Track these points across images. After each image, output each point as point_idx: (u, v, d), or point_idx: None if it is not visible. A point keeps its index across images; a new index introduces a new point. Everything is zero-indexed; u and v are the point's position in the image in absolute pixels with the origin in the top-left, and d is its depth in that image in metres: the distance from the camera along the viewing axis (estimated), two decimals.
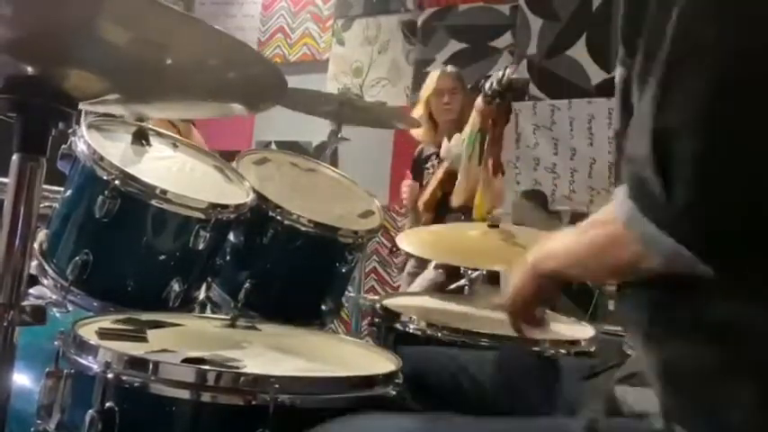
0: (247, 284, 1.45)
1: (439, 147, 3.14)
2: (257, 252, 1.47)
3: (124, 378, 0.88)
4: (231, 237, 1.44)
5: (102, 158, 1.25)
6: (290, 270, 1.50)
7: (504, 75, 1.97)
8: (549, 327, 0.95)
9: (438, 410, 0.93)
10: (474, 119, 2.12)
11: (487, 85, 2.04)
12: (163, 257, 1.32)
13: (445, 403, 1.03)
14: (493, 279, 2.55)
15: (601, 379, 0.92)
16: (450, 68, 3.33)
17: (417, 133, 3.24)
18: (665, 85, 0.63)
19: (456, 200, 2.19)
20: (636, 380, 0.83)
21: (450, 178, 2.89)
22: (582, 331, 1.60)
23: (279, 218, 1.44)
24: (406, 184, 3.27)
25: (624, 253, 0.70)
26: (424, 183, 3.21)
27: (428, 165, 3.24)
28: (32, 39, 0.88)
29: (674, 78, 0.62)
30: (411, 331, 1.43)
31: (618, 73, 0.78)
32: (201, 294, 1.47)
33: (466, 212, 2.19)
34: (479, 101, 2.05)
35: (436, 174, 3.09)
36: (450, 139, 2.95)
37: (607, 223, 0.74)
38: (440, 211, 3.06)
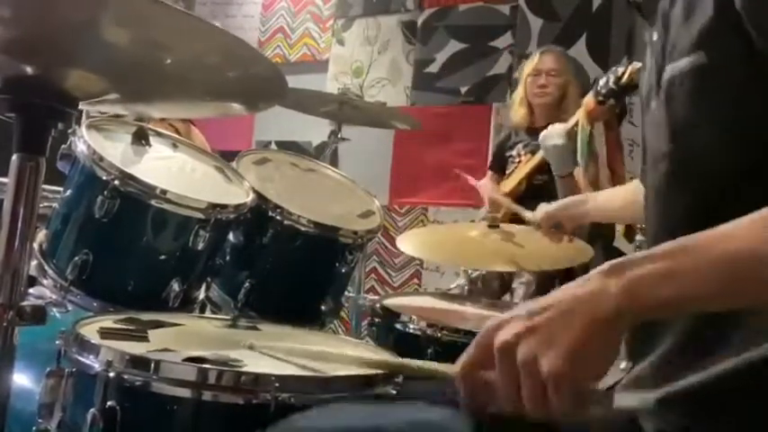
0: (247, 284, 1.45)
1: (529, 134, 2.85)
2: (257, 252, 1.47)
3: (125, 377, 0.88)
4: (231, 237, 1.44)
5: (101, 158, 1.25)
6: (290, 270, 1.50)
7: (624, 72, 1.77)
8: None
9: None
10: (581, 119, 1.92)
11: (602, 82, 1.82)
12: (163, 257, 1.32)
13: None
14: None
15: None
16: (554, 48, 3.04)
17: (513, 115, 2.97)
18: None
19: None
20: (618, 388, 0.83)
21: (539, 170, 2.63)
22: None
23: (279, 218, 1.44)
24: (482, 184, 2.82)
25: None
26: (507, 172, 2.88)
27: (513, 152, 2.91)
28: (32, 39, 0.88)
29: None
30: (411, 331, 1.44)
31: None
32: (201, 294, 1.47)
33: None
34: (589, 99, 1.85)
35: (525, 162, 2.77)
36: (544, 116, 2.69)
37: None
38: (526, 203, 2.80)
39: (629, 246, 3.63)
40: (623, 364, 0.84)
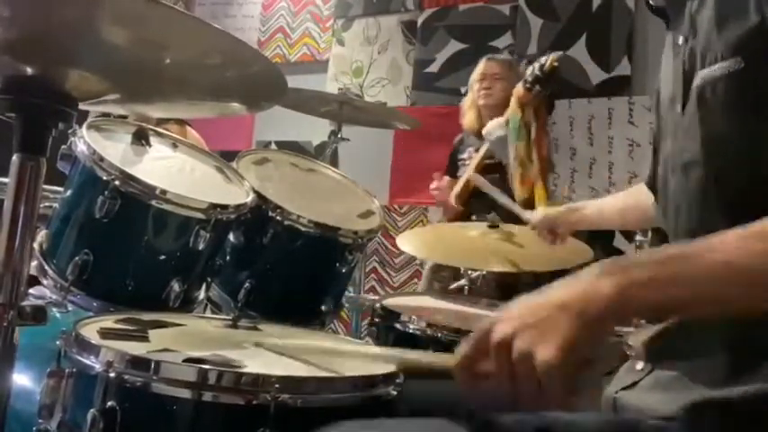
0: (247, 284, 1.45)
1: (478, 137, 3.03)
2: (257, 252, 1.47)
3: (126, 377, 0.88)
4: (231, 237, 1.44)
5: (101, 159, 1.24)
6: (290, 270, 1.50)
7: (547, 61, 1.91)
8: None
9: None
10: (512, 106, 2.06)
11: (528, 71, 1.99)
12: (163, 258, 1.32)
13: None
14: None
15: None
16: (501, 56, 3.27)
17: (464, 120, 3.17)
18: None
19: (518, 193, 2.09)
20: (638, 389, 0.82)
21: (485, 169, 2.82)
22: None
23: (279, 218, 1.44)
24: (436, 185, 3.08)
25: None
26: (458, 174, 3.09)
27: (464, 155, 3.13)
28: (32, 39, 0.88)
29: None
30: (411, 331, 1.44)
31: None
32: (201, 294, 1.47)
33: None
34: (519, 87, 1.99)
35: (471, 164, 2.97)
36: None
37: None
38: (471, 204, 2.95)
39: (629, 245, 3.64)
40: (640, 365, 0.84)
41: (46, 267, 1.31)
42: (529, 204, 2.09)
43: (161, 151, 1.44)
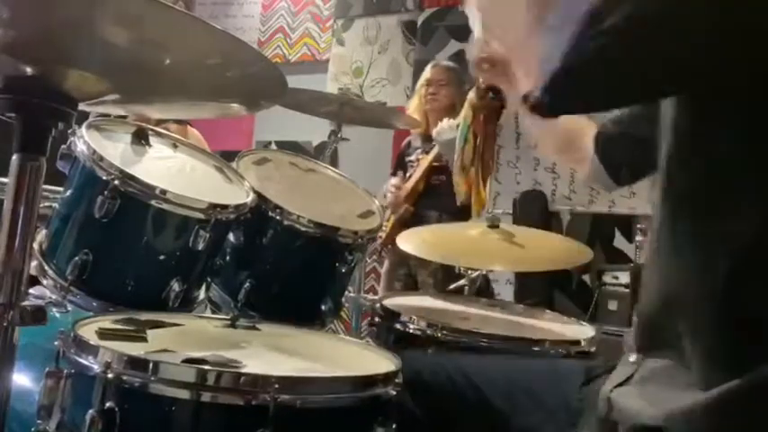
0: (247, 284, 1.45)
1: (424, 139, 3.18)
2: (257, 252, 1.47)
3: (124, 378, 0.88)
4: (231, 237, 1.44)
5: (101, 158, 1.24)
6: (290, 270, 1.50)
7: None
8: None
9: (438, 413, 0.93)
10: (465, 111, 2.13)
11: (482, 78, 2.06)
12: (163, 258, 1.32)
13: (445, 406, 1.03)
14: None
15: (598, 383, 0.92)
16: (444, 62, 3.39)
17: (411, 125, 3.29)
18: None
19: (459, 198, 2.16)
20: (629, 384, 0.83)
21: (434, 171, 3.00)
22: (582, 331, 1.60)
23: (279, 218, 1.44)
24: (392, 184, 3.24)
25: None
26: (407, 175, 3.24)
27: (412, 157, 3.26)
28: (32, 39, 0.88)
29: None
30: (411, 331, 1.44)
31: None
32: (201, 294, 1.47)
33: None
34: (472, 93, 2.06)
35: (420, 165, 3.10)
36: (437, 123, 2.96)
37: None
38: (420, 204, 3.09)
39: (629, 245, 3.64)
40: (633, 357, 0.85)
41: (46, 267, 1.31)
42: (467, 209, 2.15)
43: (161, 151, 1.44)
